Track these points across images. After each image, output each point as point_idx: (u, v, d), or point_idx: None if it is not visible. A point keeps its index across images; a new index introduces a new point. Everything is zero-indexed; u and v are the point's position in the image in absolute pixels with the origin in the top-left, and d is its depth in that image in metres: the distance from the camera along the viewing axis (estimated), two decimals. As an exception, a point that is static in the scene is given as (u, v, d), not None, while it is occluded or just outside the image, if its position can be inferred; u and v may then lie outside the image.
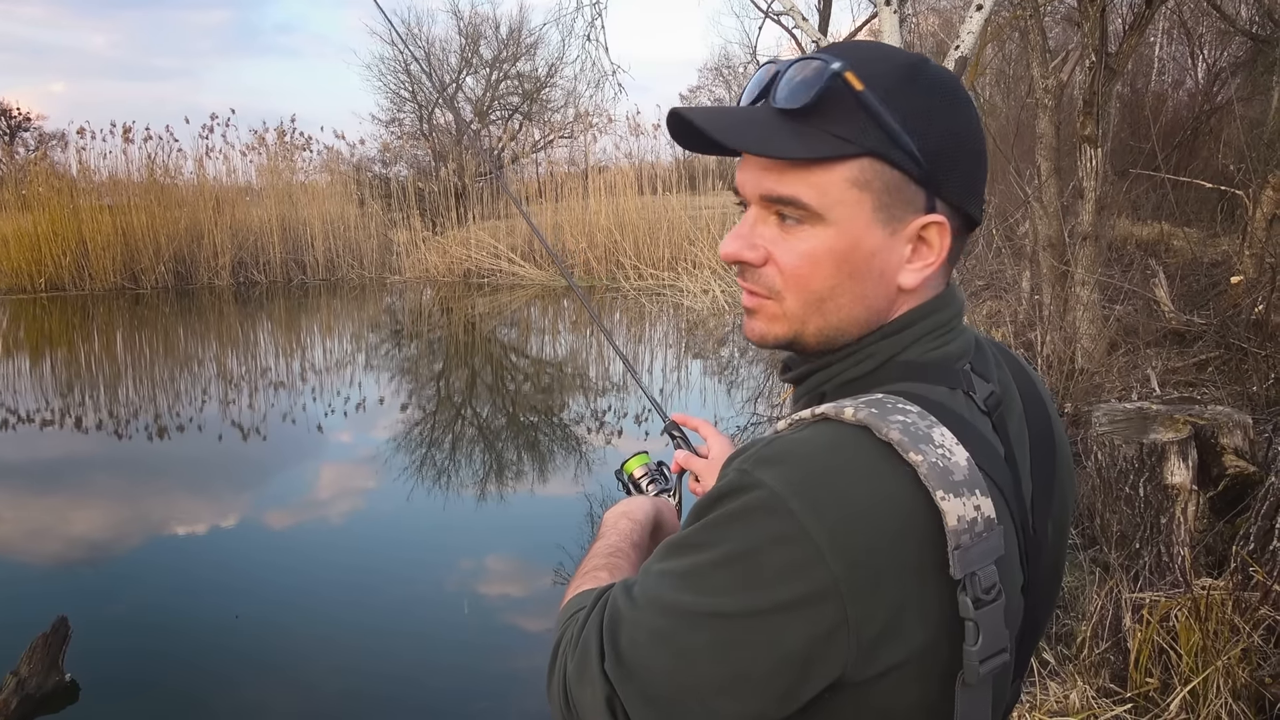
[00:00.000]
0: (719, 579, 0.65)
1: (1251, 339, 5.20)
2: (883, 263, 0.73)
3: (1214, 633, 2.46)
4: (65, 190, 14.92)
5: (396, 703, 3.32)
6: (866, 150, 0.70)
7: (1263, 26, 9.27)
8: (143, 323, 12.70)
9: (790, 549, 0.63)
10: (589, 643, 0.71)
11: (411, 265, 15.78)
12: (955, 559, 0.64)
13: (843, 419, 0.68)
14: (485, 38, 20.87)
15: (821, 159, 0.71)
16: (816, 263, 0.73)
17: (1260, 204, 6.14)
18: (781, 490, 0.64)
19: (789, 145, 0.71)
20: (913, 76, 0.71)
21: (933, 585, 0.65)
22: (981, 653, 0.66)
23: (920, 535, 0.64)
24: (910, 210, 0.72)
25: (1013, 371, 0.83)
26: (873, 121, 0.70)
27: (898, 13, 5.20)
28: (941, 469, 0.65)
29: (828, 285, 0.74)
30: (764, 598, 0.63)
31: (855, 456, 0.65)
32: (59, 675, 3.29)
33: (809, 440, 0.67)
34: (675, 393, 8.18)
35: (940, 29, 13.70)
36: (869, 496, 0.64)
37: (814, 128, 0.71)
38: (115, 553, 4.82)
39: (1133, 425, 3.38)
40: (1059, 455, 0.82)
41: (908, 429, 0.66)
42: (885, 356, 0.75)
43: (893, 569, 0.64)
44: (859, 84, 0.69)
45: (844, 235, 0.72)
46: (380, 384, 8.91)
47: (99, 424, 7.43)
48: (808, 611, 0.63)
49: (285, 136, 16.60)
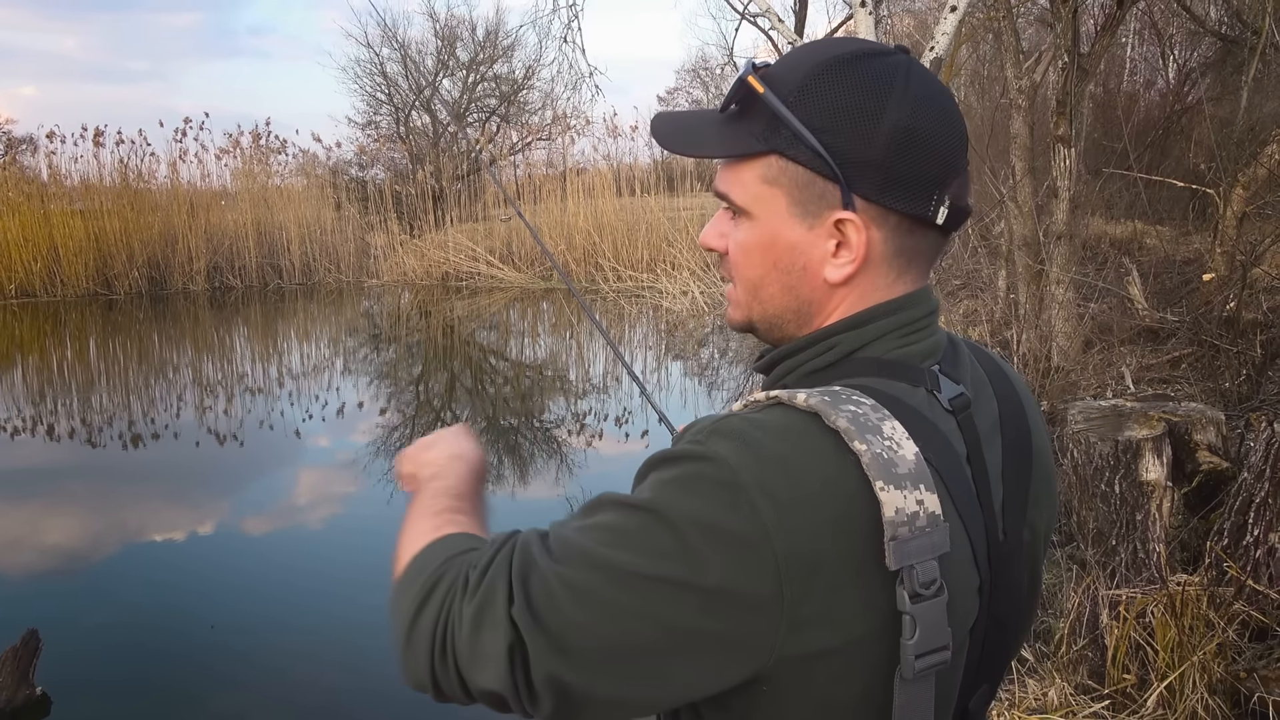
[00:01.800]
0: (660, 542, 0.64)
1: (1223, 336, 5.27)
2: (804, 256, 0.76)
3: (1189, 628, 2.48)
4: (35, 195, 14.71)
5: (374, 712, 3.29)
6: (772, 148, 0.74)
7: (1232, 27, 9.40)
8: (116, 329, 12.54)
9: (738, 522, 0.63)
10: (494, 587, 0.69)
11: (389, 269, 15.69)
12: (890, 550, 0.64)
13: (795, 404, 0.69)
14: (462, 40, 20.81)
15: (738, 157, 0.76)
16: (748, 253, 0.79)
17: (1231, 202, 6.22)
18: (734, 464, 0.65)
19: (710, 145, 0.79)
20: (830, 75, 0.72)
21: (872, 576, 0.65)
22: (918, 648, 0.65)
23: (861, 523, 0.65)
24: (825, 206, 0.74)
25: (991, 375, 0.83)
26: (777, 121, 0.73)
27: (873, 14, 5.22)
28: (885, 460, 0.65)
29: (758, 274, 0.79)
30: (704, 567, 0.63)
31: (803, 441, 0.67)
32: (29, 689, 3.24)
33: (762, 421, 0.68)
34: (656, 394, 8.17)
35: (915, 30, 13.80)
36: (816, 480, 0.65)
37: (739, 128, 0.76)
38: (88, 563, 4.75)
39: (1108, 422, 3.41)
40: (1036, 460, 0.82)
41: (856, 419, 0.67)
42: (848, 349, 0.76)
43: (833, 553, 0.64)
44: (759, 86, 0.73)
45: (765, 228, 0.77)
46: (359, 389, 8.84)
47: (71, 432, 7.32)
48: (747, 587, 0.63)
49: (260, 140, 16.47)
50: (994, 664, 0.79)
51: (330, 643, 3.78)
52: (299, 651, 3.74)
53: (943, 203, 0.74)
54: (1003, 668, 0.82)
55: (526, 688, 0.67)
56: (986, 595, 0.74)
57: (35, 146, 16.52)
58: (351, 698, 3.37)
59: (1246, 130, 7.11)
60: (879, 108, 0.71)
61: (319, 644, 3.78)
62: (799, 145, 0.72)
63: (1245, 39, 8.41)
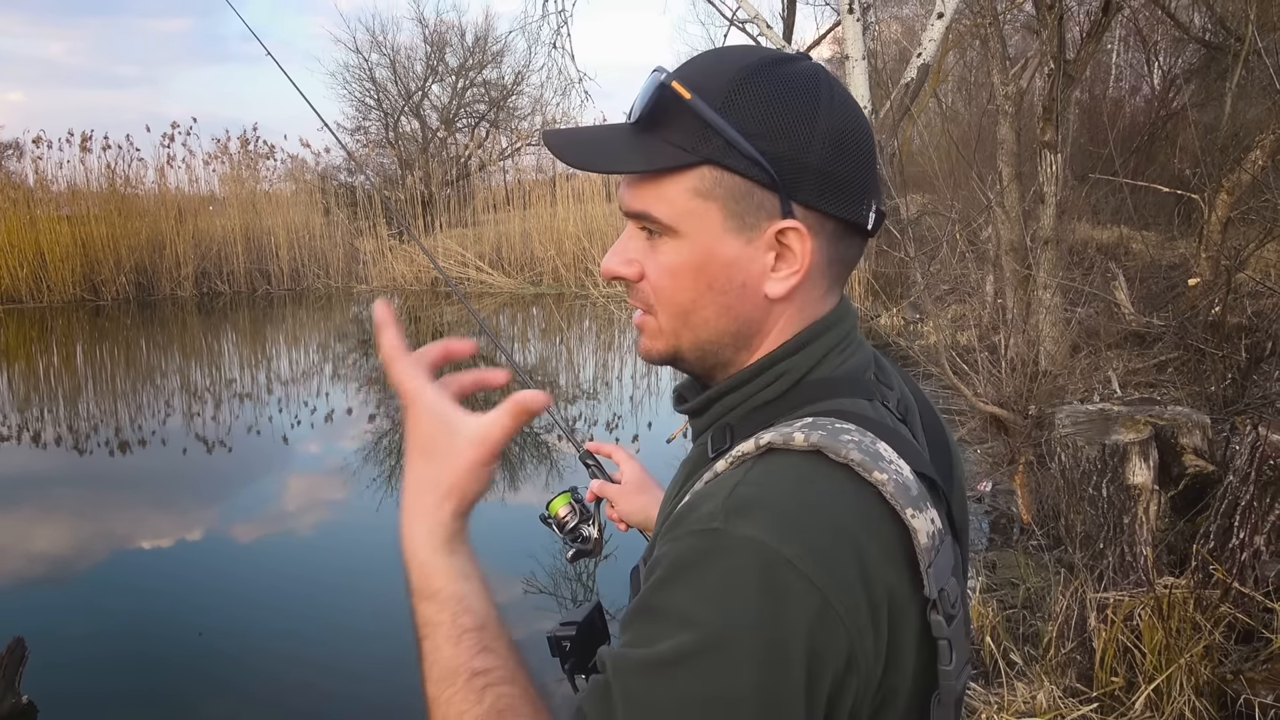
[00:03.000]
0: (736, 655, 0.57)
1: (1209, 340, 5.31)
2: (743, 273, 0.71)
3: (1176, 631, 2.50)
4: (21, 201, 14.61)
5: (369, 717, 3.28)
6: (704, 158, 0.68)
7: (1215, 34, 9.49)
8: (103, 335, 12.47)
9: (799, 601, 0.58)
10: None
11: (378, 274, 15.65)
12: (929, 577, 0.62)
13: (792, 446, 0.64)
14: (451, 45, 20.80)
15: (662, 170, 0.69)
16: (676, 276, 0.72)
17: (1215, 207, 6.27)
18: (770, 540, 0.59)
19: (629, 159, 0.71)
20: (757, 78, 0.69)
21: (912, 605, 0.63)
22: (956, 670, 0.64)
23: (896, 556, 0.62)
24: (764, 216, 0.69)
25: (900, 375, 0.82)
26: (709, 128, 0.68)
27: (861, 20, 5.26)
28: (901, 485, 0.63)
29: (689, 298, 0.72)
30: (785, 662, 0.57)
31: (826, 486, 0.62)
32: (15, 697, 3.21)
33: (771, 477, 0.63)
34: (645, 400, 8.18)
35: (903, 36, 13.88)
36: (851, 523, 0.61)
37: (657, 139, 0.70)
38: (75, 570, 4.72)
39: (1095, 426, 3.43)
40: (951, 448, 0.81)
41: (862, 448, 0.63)
42: (798, 375, 0.72)
43: (883, 595, 0.61)
44: (686, 92, 0.68)
45: (697, 247, 0.70)
46: (348, 394, 8.82)
47: (58, 439, 7.28)
48: (821, 659, 0.58)
49: (248, 145, 16.40)
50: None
51: (319, 648, 3.77)
52: (288, 657, 3.73)
53: (870, 207, 0.72)
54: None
55: None
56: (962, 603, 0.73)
57: (21, 152, 16.43)
58: (341, 703, 3.36)
59: (1231, 136, 7.18)
60: (812, 110, 0.69)
61: (308, 650, 3.77)
62: (733, 153, 0.68)
63: (1229, 45, 8.49)
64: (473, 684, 0.64)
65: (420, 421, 0.71)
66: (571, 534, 1.20)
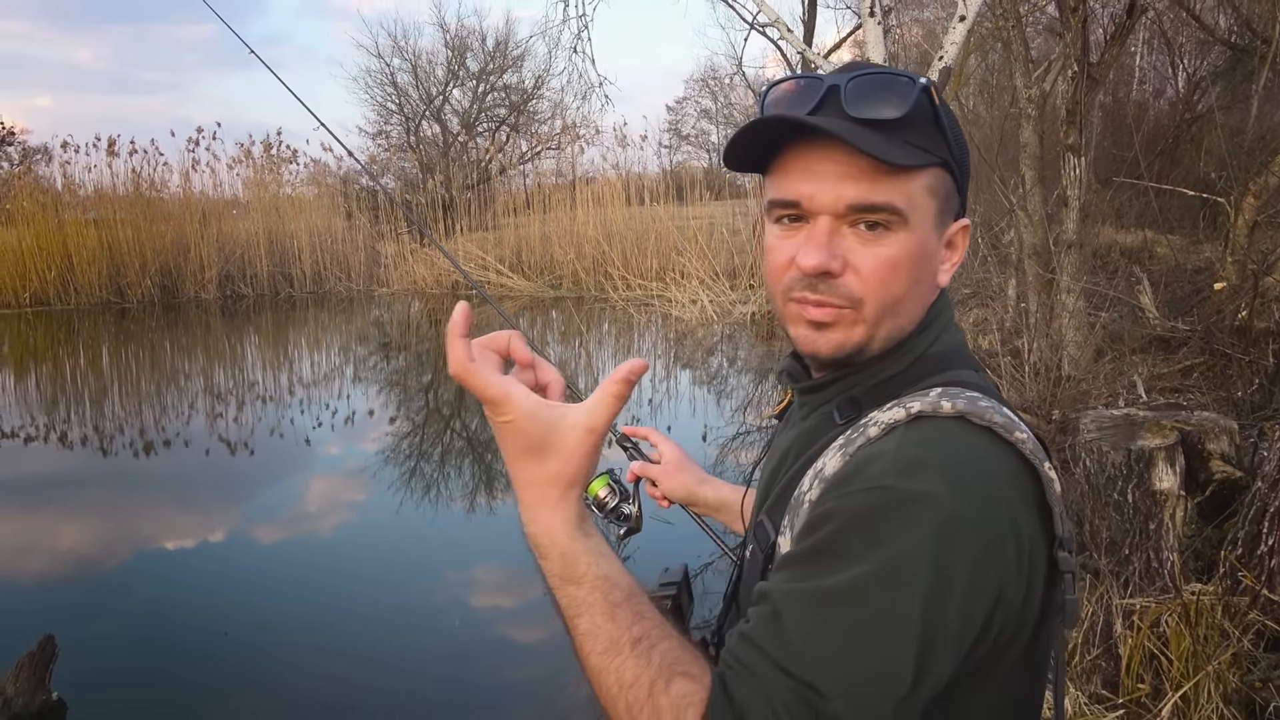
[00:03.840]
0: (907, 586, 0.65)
1: (1235, 345, 5.25)
2: (935, 264, 0.81)
3: (1204, 638, 2.47)
4: (50, 205, 14.84)
5: (389, 716, 3.30)
6: (939, 160, 0.77)
7: (1241, 35, 9.39)
8: (129, 337, 12.62)
9: (964, 546, 0.66)
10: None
11: (399, 277, 15.75)
12: (1058, 519, 0.72)
13: (940, 413, 0.72)
14: (472, 50, 20.93)
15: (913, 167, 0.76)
16: (897, 268, 0.77)
17: (1242, 211, 6.20)
18: (938, 493, 0.67)
19: (892, 151, 0.74)
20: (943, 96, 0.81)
21: (1043, 545, 0.72)
22: (1072, 601, 0.74)
23: (1032, 504, 0.71)
24: (951, 215, 0.81)
25: None
26: (941, 134, 0.77)
27: (882, 24, 5.24)
28: (1032, 445, 0.72)
29: (903, 289, 0.78)
30: (949, 595, 0.65)
31: (978, 445, 0.71)
32: (46, 694, 3.26)
33: (930, 441, 0.71)
34: (665, 403, 8.18)
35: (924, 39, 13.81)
36: (1003, 476, 0.70)
37: (898, 137, 0.75)
38: (103, 570, 4.78)
39: (1120, 432, 3.40)
40: None
41: (1000, 412, 0.72)
42: (920, 351, 0.81)
43: (1029, 538, 0.71)
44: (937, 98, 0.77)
45: (918, 240, 0.77)
46: (369, 397, 8.88)
47: (84, 440, 7.37)
48: (982, 595, 0.67)
49: (271, 149, 16.57)
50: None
51: (344, 648, 3.79)
52: (313, 657, 3.75)
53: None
54: None
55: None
56: None
57: (50, 156, 16.68)
58: (366, 698, 3.38)
59: (1257, 139, 7.10)
60: (959, 128, 0.81)
61: (332, 650, 3.79)
62: (953, 158, 0.79)
63: (1255, 47, 8.39)
64: (638, 649, 0.67)
65: (519, 425, 0.71)
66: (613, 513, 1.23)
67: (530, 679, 3.59)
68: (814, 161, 0.76)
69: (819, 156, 0.75)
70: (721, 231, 13.92)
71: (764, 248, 0.83)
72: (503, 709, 3.40)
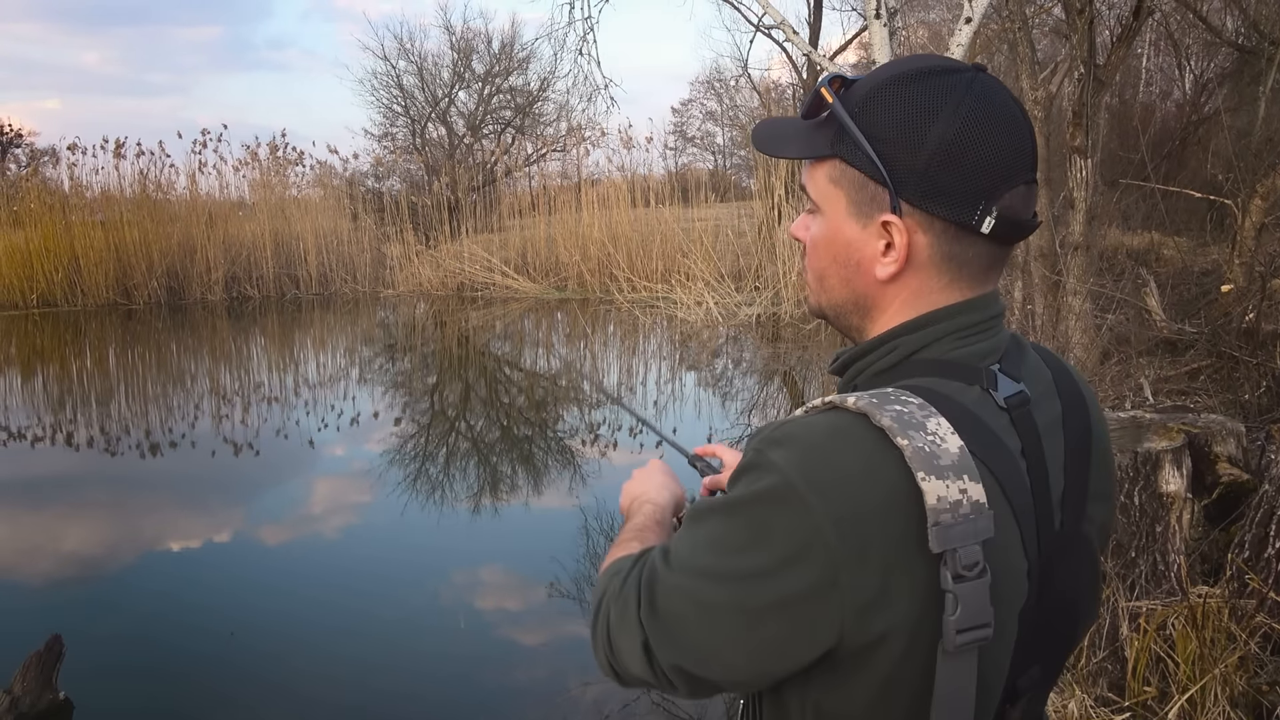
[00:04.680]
0: (733, 543, 0.75)
1: (1242, 347, 5.23)
2: (859, 253, 0.84)
3: (1211, 641, 2.46)
4: (57, 206, 14.89)
5: (395, 716, 3.31)
6: (835, 153, 0.82)
7: (1248, 38, 9.36)
8: (135, 338, 12.66)
9: (790, 517, 0.72)
10: (629, 595, 0.83)
11: (405, 279, 15.78)
12: (933, 535, 0.70)
13: (846, 407, 0.76)
14: (478, 52, 20.97)
15: (811, 158, 0.85)
16: (816, 246, 0.87)
17: (1249, 213, 6.19)
18: (785, 467, 0.73)
19: (789, 147, 0.87)
20: (894, 88, 0.79)
21: (919, 559, 0.71)
22: (960, 623, 0.71)
23: (906, 511, 0.71)
24: (876, 208, 0.81)
25: (1057, 375, 0.89)
26: (841, 129, 0.81)
27: (887, 26, 5.24)
28: (927, 454, 0.71)
29: (823, 265, 0.88)
30: (770, 555, 0.72)
31: (849, 438, 0.74)
32: (52, 693, 3.27)
33: (814, 424, 0.76)
34: (670, 405, 8.18)
35: (930, 42, 13.80)
36: (859, 473, 0.72)
37: (816, 133, 0.84)
38: (109, 570, 4.79)
39: (1127, 434, 3.39)
40: (1096, 457, 0.88)
41: (900, 417, 0.73)
42: (908, 351, 0.83)
43: (880, 539, 0.71)
44: (829, 96, 0.82)
45: (829, 224, 0.85)
46: (374, 398, 8.89)
47: (91, 440, 7.39)
48: (805, 572, 0.71)
49: (278, 151, 16.62)
50: (1048, 647, 0.83)
51: (349, 649, 3.80)
52: (318, 657, 3.76)
53: (989, 213, 0.79)
54: (1061, 652, 0.86)
55: (662, 675, 0.80)
56: (1036, 580, 0.78)
57: (57, 158, 16.76)
58: (372, 699, 3.38)
59: (1264, 141, 7.07)
60: (928, 122, 0.78)
61: (338, 650, 3.80)
62: (856, 151, 0.80)
63: (1262, 49, 8.38)
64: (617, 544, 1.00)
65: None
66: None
67: (535, 680, 3.60)
68: None
69: None
70: (727, 233, 13.92)
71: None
72: (507, 711, 3.40)
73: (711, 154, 31.91)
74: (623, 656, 0.83)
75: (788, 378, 8.84)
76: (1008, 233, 0.80)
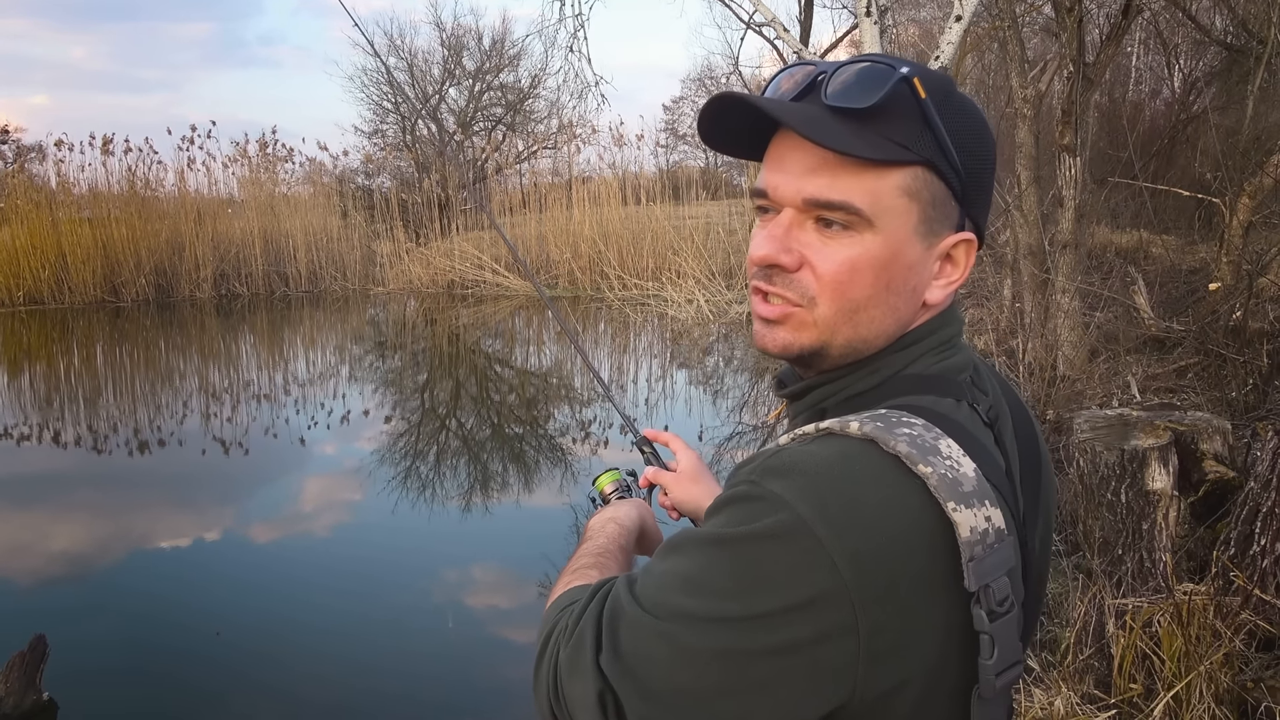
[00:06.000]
0: (725, 583, 0.63)
1: (1230, 345, 5.26)
2: (917, 277, 0.73)
3: (1196, 638, 2.47)
4: (44, 203, 14.78)
5: (383, 716, 3.29)
6: (923, 159, 0.69)
7: (1237, 36, 9.40)
8: (123, 336, 12.59)
9: (798, 554, 0.62)
10: (584, 635, 0.70)
11: (395, 276, 15.73)
12: (970, 571, 0.63)
13: (848, 433, 0.67)
14: (468, 49, 20.89)
15: (881, 162, 0.69)
16: (857, 271, 0.71)
17: (1237, 211, 6.22)
18: (791, 499, 0.63)
19: (854, 144, 0.68)
20: (951, 93, 0.71)
21: (944, 598, 0.64)
22: (997, 666, 0.65)
23: (932, 546, 0.64)
24: (947, 226, 0.73)
25: (1000, 386, 0.84)
26: (929, 131, 0.69)
27: (878, 24, 5.24)
28: (951, 480, 0.64)
29: (865, 295, 0.72)
30: (771, 602, 0.62)
31: (864, 468, 0.65)
32: (36, 694, 3.25)
33: (818, 453, 0.66)
34: (660, 403, 8.18)
35: (920, 39, 13.83)
36: (878, 506, 0.63)
37: (870, 130, 0.69)
38: (95, 570, 4.76)
39: (1114, 432, 3.40)
40: (1043, 469, 0.83)
41: (915, 441, 0.65)
42: (893, 370, 0.74)
43: (904, 578, 0.63)
44: (923, 91, 0.69)
45: (888, 245, 0.71)
46: (364, 396, 8.86)
47: (78, 439, 7.35)
48: (815, 616, 0.62)
49: (267, 148, 16.55)
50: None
51: (337, 648, 3.79)
52: (306, 657, 3.75)
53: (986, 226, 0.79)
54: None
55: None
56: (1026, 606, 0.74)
57: (44, 155, 16.63)
58: (361, 698, 3.37)
59: (1252, 139, 7.10)
60: (990, 135, 0.73)
61: (325, 650, 3.79)
62: (944, 159, 0.70)
63: (1251, 48, 8.40)
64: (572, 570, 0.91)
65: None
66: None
67: (523, 679, 3.58)
68: (786, 151, 0.72)
69: (791, 146, 0.72)
70: (718, 231, 13.92)
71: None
72: (496, 709, 3.39)
73: (703, 152, 31.86)
74: (573, 705, 0.70)
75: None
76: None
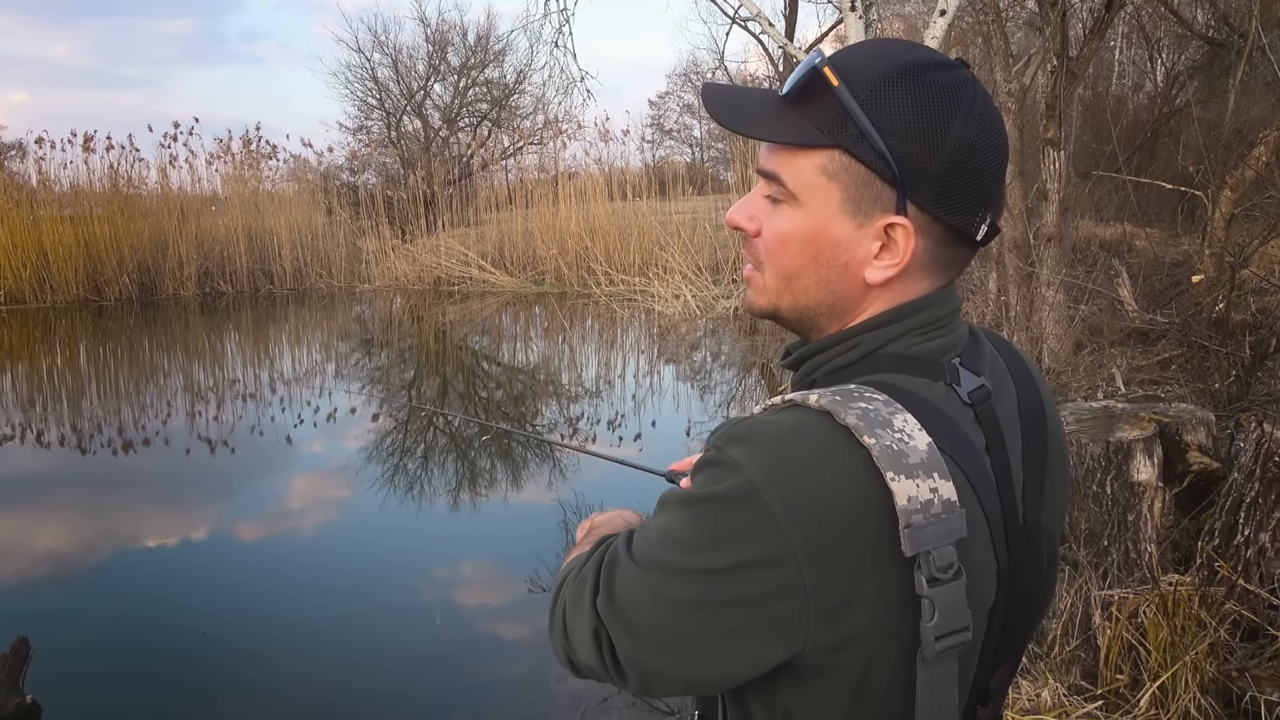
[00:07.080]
0: (692, 539, 0.71)
1: (1213, 337, 5.29)
2: (848, 254, 0.77)
3: (1181, 628, 2.49)
4: (25, 201, 14.63)
5: (373, 714, 3.28)
6: (836, 143, 0.74)
7: (1219, 30, 9.46)
8: (106, 335, 12.49)
9: (750, 516, 0.68)
10: (586, 579, 0.80)
11: (381, 274, 15.66)
12: (905, 537, 0.67)
13: (808, 404, 0.72)
14: (453, 45, 20.82)
15: (798, 144, 0.75)
16: (787, 241, 0.79)
17: (1219, 204, 6.26)
18: (745, 465, 0.69)
19: (770, 129, 0.76)
20: (906, 79, 0.73)
21: (890, 562, 0.68)
22: (938, 629, 0.68)
23: (875, 513, 0.68)
24: (879, 207, 0.75)
25: (1011, 365, 0.86)
26: (848, 116, 0.73)
27: (863, 18, 5.24)
28: (895, 452, 0.68)
29: (795, 264, 0.79)
30: (727, 556, 0.69)
31: (814, 437, 0.70)
32: (19, 697, 3.21)
33: (775, 421, 0.72)
34: (648, 398, 8.17)
35: (906, 34, 13.85)
36: (824, 472, 0.69)
37: (800, 115, 0.75)
38: (79, 570, 4.72)
39: (1099, 424, 3.42)
40: (1050, 446, 0.85)
41: (865, 415, 0.70)
42: (871, 347, 0.79)
43: (847, 541, 0.68)
44: (834, 79, 0.73)
45: (812, 219, 0.77)
46: (351, 394, 8.82)
47: (62, 439, 7.29)
48: (766, 571, 0.68)
49: (251, 145, 16.43)
50: (1014, 644, 0.81)
51: (325, 647, 3.77)
52: (293, 656, 3.73)
53: (985, 220, 0.77)
54: (1023, 647, 0.85)
55: (613, 664, 0.77)
56: (1005, 579, 0.76)
57: (25, 153, 16.45)
58: (350, 696, 3.36)
59: (1234, 133, 7.15)
60: (948, 121, 0.73)
61: (313, 649, 3.77)
62: (865, 144, 0.73)
63: (1232, 42, 8.46)
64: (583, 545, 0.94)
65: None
66: None
67: (513, 676, 3.58)
68: None
69: None
70: (704, 226, 13.92)
71: None
72: (485, 706, 3.39)
73: (689, 147, 31.93)
74: (574, 640, 0.80)
75: (766, 370, 8.85)
76: (990, 239, 0.79)
